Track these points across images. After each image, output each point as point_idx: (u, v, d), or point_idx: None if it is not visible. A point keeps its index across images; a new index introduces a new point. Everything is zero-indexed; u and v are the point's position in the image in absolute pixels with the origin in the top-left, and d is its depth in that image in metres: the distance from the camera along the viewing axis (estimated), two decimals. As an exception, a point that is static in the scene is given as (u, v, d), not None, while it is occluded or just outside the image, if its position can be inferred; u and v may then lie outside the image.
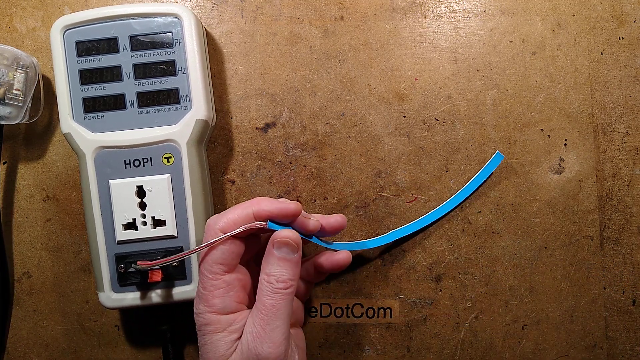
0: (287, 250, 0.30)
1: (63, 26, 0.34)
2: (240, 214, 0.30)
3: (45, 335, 0.39)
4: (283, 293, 0.29)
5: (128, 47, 0.35)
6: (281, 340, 0.29)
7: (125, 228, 0.34)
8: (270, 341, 0.28)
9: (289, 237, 0.30)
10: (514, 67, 0.39)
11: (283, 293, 0.29)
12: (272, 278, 0.29)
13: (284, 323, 0.29)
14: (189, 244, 0.35)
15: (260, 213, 0.30)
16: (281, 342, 0.29)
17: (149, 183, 0.34)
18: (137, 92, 0.35)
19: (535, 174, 0.39)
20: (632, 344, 0.39)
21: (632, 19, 0.39)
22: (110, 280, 0.35)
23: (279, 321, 0.29)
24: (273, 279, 0.29)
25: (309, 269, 0.35)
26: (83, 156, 0.34)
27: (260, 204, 0.30)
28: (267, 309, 0.29)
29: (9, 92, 0.36)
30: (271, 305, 0.29)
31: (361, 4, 0.39)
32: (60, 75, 0.34)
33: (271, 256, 0.30)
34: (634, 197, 0.39)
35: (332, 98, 0.39)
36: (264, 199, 0.31)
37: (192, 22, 0.35)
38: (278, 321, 0.29)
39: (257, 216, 0.30)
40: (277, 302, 0.29)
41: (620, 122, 0.39)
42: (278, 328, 0.29)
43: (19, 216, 0.39)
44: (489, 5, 0.39)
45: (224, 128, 0.39)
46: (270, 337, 0.28)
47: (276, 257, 0.30)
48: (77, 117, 0.35)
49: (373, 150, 0.39)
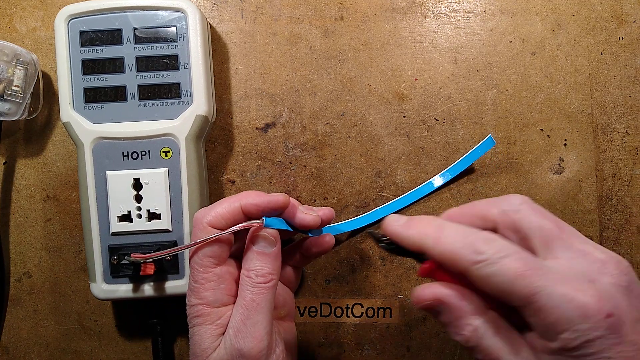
0: (265, 244, 0.30)
1: (68, 15, 0.34)
2: (228, 207, 0.30)
3: (45, 335, 0.39)
4: (263, 287, 0.29)
5: (132, 39, 0.35)
6: (262, 335, 0.28)
7: (120, 220, 0.35)
8: (251, 336, 0.28)
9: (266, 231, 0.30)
10: (514, 67, 0.39)
11: (263, 287, 0.29)
12: (251, 273, 0.29)
13: (266, 317, 0.29)
14: (183, 239, 0.35)
15: (248, 207, 0.30)
16: (262, 337, 0.28)
17: (146, 176, 0.34)
18: (138, 84, 0.35)
19: (535, 174, 0.39)
20: (632, 343, 0.39)
21: (632, 19, 0.39)
22: (102, 272, 0.35)
23: (260, 316, 0.29)
24: (253, 273, 0.29)
25: (293, 255, 0.35)
26: (81, 146, 0.35)
27: (247, 197, 0.30)
28: (247, 303, 0.29)
29: (8, 88, 0.36)
30: (251, 299, 0.29)
31: (361, 4, 0.39)
32: (63, 64, 0.34)
33: (250, 251, 0.30)
34: (634, 197, 0.39)
35: (332, 98, 0.39)
36: (252, 192, 0.31)
37: (197, 18, 0.35)
38: (259, 316, 0.29)
39: (245, 210, 0.30)
40: (257, 296, 0.29)
41: (620, 122, 0.39)
42: (259, 323, 0.29)
43: (19, 216, 0.39)
44: (489, 5, 0.39)
45: (224, 128, 0.39)
46: (251, 332, 0.28)
47: (255, 251, 0.30)
48: (78, 107, 0.35)
49: (373, 150, 0.39)
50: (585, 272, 0.24)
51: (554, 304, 0.22)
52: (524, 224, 0.26)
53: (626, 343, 0.22)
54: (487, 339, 0.25)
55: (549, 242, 0.25)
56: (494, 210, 0.27)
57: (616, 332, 0.22)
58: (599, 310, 0.22)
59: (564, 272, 0.23)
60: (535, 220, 0.25)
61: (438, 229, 0.26)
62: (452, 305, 0.26)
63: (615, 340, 0.22)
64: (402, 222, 0.28)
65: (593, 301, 0.22)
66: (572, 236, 0.25)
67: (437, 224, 0.26)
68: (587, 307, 0.22)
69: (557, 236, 0.25)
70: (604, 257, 0.24)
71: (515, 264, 0.23)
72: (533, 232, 0.25)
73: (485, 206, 0.27)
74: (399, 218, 0.28)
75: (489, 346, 0.25)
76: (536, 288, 0.22)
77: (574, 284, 0.23)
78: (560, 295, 0.22)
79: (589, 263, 0.24)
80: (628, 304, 0.23)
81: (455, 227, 0.26)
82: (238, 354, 0.28)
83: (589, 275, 0.23)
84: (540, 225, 0.25)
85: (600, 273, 0.24)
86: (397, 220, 0.28)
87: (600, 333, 0.22)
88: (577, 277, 0.23)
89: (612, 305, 0.22)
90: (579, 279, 0.23)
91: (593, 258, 0.24)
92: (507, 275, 0.23)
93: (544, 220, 0.25)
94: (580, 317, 0.22)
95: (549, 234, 0.25)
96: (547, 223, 0.25)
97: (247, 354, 0.28)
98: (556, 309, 0.22)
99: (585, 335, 0.22)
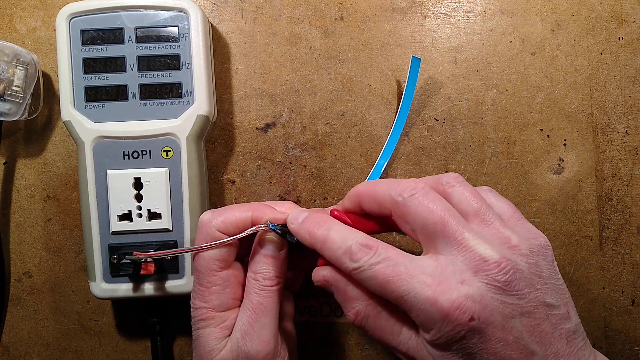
0: (272, 247, 0.30)
1: (69, 14, 0.34)
2: (239, 217, 0.30)
3: (46, 334, 0.39)
4: (270, 290, 0.29)
5: (133, 38, 0.35)
6: (269, 337, 0.29)
7: (120, 219, 0.35)
8: (258, 339, 0.28)
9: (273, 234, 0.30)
10: (514, 68, 0.39)
11: (270, 290, 0.29)
12: (258, 275, 0.30)
13: (272, 320, 0.29)
14: (183, 238, 0.35)
15: (259, 222, 0.30)
16: (269, 340, 0.29)
17: (146, 175, 0.34)
18: (139, 84, 0.35)
19: (535, 174, 0.39)
20: (631, 344, 0.39)
21: (632, 19, 0.39)
22: (102, 271, 0.35)
23: (267, 318, 0.29)
24: (260, 276, 0.30)
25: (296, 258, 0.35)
26: (82, 145, 0.35)
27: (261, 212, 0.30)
28: (254, 306, 0.29)
29: (8, 88, 0.36)
30: (258, 302, 0.29)
31: (361, 4, 0.39)
32: (64, 63, 0.34)
33: (257, 254, 0.30)
34: (633, 197, 0.39)
35: (332, 98, 0.39)
36: (266, 208, 0.31)
37: (199, 18, 0.35)
38: (266, 318, 0.29)
39: (256, 224, 0.30)
40: (264, 299, 0.29)
41: (620, 123, 0.39)
42: (266, 325, 0.29)
43: (20, 216, 0.39)
44: (489, 5, 0.39)
45: (224, 128, 0.39)
46: (258, 334, 0.29)
47: (262, 254, 0.30)
48: (78, 106, 0.35)
49: (373, 150, 0.39)
50: (460, 271, 0.24)
51: (420, 306, 0.24)
52: (410, 217, 0.26)
53: (492, 341, 0.23)
54: (369, 322, 0.28)
55: (431, 238, 0.26)
56: (388, 199, 0.27)
57: (480, 333, 0.23)
58: (461, 314, 0.23)
59: (437, 272, 0.25)
60: (420, 215, 0.26)
61: (325, 230, 0.28)
62: (338, 288, 0.28)
63: (479, 340, 0.23)
64: (298, 222, 0.29)
65: (455, 305, 0.23)
66: (457, 231, 0.25)
67: (325, 225, 0.28)
68: (448, 311, 0.23)
69: (439, 232, 0.25)
70: (487, 253, 0.24)
71: (384, 270, 0.25)
72: (417, 226, 0.26)
73: (383, 192, 0.28)
74: (297, 216, 0.30)
75: (372, 327, 0.28)
76: (403, 292, 0.24)
77: (441, 286, 0.24)
78: (424, 298, 0.24)
79: (467, 261, 0.25)
80: (500, 304, 0.24)
81: (338, 230, 0.28)
82: (245, 356, 0.28)
83: (462, 275, 0.24)
84: (424, 220, 0.26)
85: (476, 272, 0.24)
86: (295, 218, 0.30)
87: (462, 334, 0.23)
88: (448, 278, 0.24)
89: (477, 308, 0.23)
90: (449, 280, 0.24)
91: (472, 255, 0.25)
92: (378, 280, 0.25)
93: (430, 215, 0.26)
94: (442, 320, 0.24)
95: (431, 230, 0.26)
96: (431, 218, 0.26)
97: (255, 357, 0.28)
98: (422, 311, 0.24)
99: (449, 335, 0.24)
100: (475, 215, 0.27)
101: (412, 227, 0.27)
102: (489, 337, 0.23)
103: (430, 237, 0.26)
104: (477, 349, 0.24)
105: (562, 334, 0.25)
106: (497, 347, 0.23)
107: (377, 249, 0.26)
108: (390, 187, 0.28)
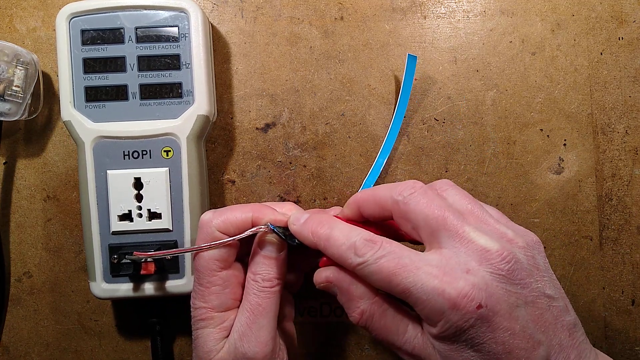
0: (272, 248, 0.30)
1: (69, 14, 0.34)
2: (239, 217, 0.30)
3: (46, 334, 0.39)
4: (269, 291, 0.29)
5: (133, 38, 0.35)
6: (267, 339, 0.29)
7: (120, 219, 0.35)
8: (256, 340, 0.28)
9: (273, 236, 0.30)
10: (514, 68, 0.39)
11: (269, 291, 0.29)
12: (258, 277, 0.30)
13: (271, 322, 0.29)
14: (183, 238, 0.35)
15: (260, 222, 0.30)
16: (267, 342, 0.29)
17: (146, 175, 0.34)
18: (140, 84, 0.35)
19: (535, 174, 0.39)
20: (632, 343, 0.39)
21: (632, 19, 0.39)
22: (102, 271, 0.35)
23: (265, 320, 0.29)
24: (259, 277, 0.30)
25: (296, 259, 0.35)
26: (82, 145, 0.35)
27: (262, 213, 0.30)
28: (253, 307, 0.29)
29: (8, 88, 0.36)
30: (257, 303, 0.29)
31: (361, 4, 0.39)
32: (64, 62, 0.34)
33: (257, 255, 0.30)
34: (633, 197, 0.39)
35: (332, 98, 0.39)
36: (267, 209, 0.31)
37: (199, 18, 0.35)
38: (264, 320, 0.29)
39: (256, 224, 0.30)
40: (263, 300, 0.29)
41: (620, 123, 0.39)
42: (264, 327, 0.29)
43: (20, 216, 0.39)
44: (489, 5, 0.39)
45: (224, 128, 0.39)
46: (256, 336, 0.28)
47: (262, 255, 0.30)
48: (79, 106, 0.35)
49: (373, 150, 0.39)
50: (464, 262, 0.25)
51: (426, 297, 0.24)
52: (411, 215, 0.27)
53: (499, 330, 0.24)
54: (375, 321, 0.27)
55: (433, 232, 0.26)
56: (388, 200, 0.28)
57: (488, 321, 0.23)
58: (469, 302, 0.23)
59: (442, 264, 0.25)
60: (421, 212, 0.26)
61: (329, 229, 0.28)
62: (342, 288, 0.28)
63: (487, 329, 0.24)
64: (300, 222, 0.29)
65: (462, 293, 0.23)
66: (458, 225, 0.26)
67: (328, 224, 0.28)
68: (456, 300, 0.23)
69: (441, 226, 0.26)
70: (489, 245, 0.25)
71: (389, 263, 0.25)
72: (419, 223, 0.26)
73: (383, 194, 0.28)
74: (299, 217, 0.30)
75: (377, 327, 0.27)
76: (409, 284, 0.24)
77: (448, 276, 0.24)
78: (431, 288, 0.24)
79: (470, 252, 0.25)
80: (505, 292, 0.24)
81: (341, 228, 0.28)
82: (242, 358, 0.28)
83: (467, 266, 0.24)
84: (425, 217, 0.26)
85: (479, 262, 0.24)
86: (297, 219, 0.30)
87: (471, 323, 0.23)
88: (453, 269, 0.24)
89: (484, 296, 0.23)
90: (454, 271, 0.24)
91: (475, 247, 0.25)
92: (383, 274, 0.25)
93: (430, 211, 0.26)
94: (450, 309, 0.24)
95: (433, 225, 0.26)
96: (432, 213, 0.26)
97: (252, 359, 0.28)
98: (428, 302, 0.24)
99: (457, 325, 0.24)
100: (471, 214, 0.27)
101: (413, 225, 0.27)
102: (496, 326, 0.24)
103: (432, 233, 0.26)
104: (486, 339, 0.24)
105: (564, 326, 0.25)
106: (505, 336, 0.24)
107: (382, 243, 0.26)
108: (389, 188, 0.28)
